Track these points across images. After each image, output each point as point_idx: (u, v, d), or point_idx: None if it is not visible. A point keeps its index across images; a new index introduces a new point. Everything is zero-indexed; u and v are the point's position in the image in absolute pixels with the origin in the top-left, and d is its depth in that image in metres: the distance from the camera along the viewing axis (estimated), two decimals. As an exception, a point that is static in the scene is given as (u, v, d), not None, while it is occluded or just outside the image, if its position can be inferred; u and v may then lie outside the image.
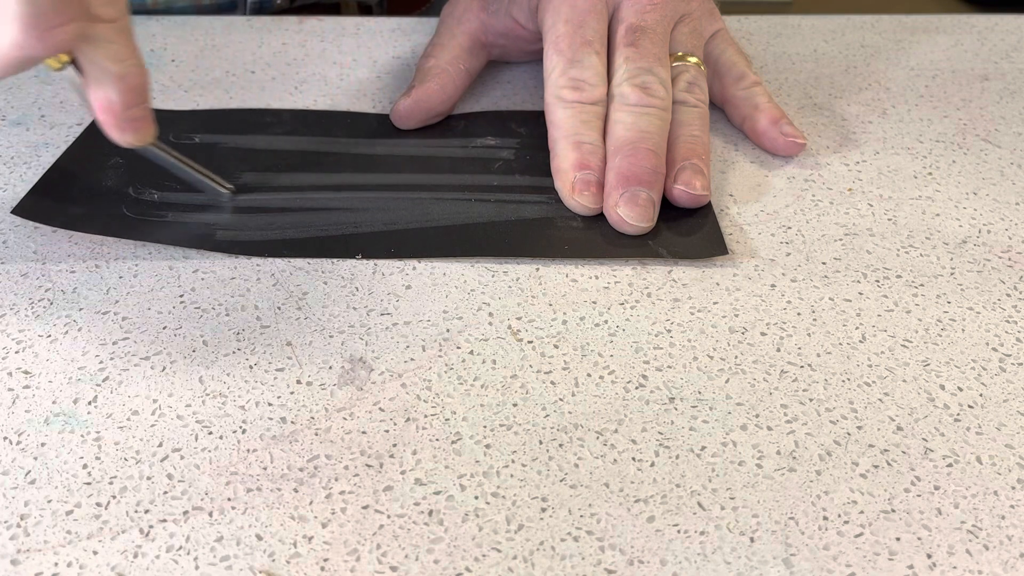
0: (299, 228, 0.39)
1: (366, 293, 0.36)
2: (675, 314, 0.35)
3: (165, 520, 0.28)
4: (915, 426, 0.31)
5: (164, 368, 0.32)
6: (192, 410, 0.31)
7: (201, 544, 0.27)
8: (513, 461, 0.30)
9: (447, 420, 0.31)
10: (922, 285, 0.37)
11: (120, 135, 0.35)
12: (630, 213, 0.38)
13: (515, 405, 0.31)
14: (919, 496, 0.29)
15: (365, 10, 0.68)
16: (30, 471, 0.29)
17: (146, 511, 0.28)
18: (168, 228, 0.38)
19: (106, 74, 0.33)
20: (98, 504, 0.28)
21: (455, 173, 0.42)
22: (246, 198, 0.40)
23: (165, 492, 0.28)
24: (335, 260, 0.37)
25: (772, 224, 0.40)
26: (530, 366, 0.33)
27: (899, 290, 0.37)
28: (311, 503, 0.28)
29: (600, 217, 0.39)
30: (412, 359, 0.33)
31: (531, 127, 0.45)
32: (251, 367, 0.33)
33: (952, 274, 0.38)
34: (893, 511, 0.28)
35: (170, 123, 0.45)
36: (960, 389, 0.32)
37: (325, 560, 0.27)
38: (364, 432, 0.30)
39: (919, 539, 0.28)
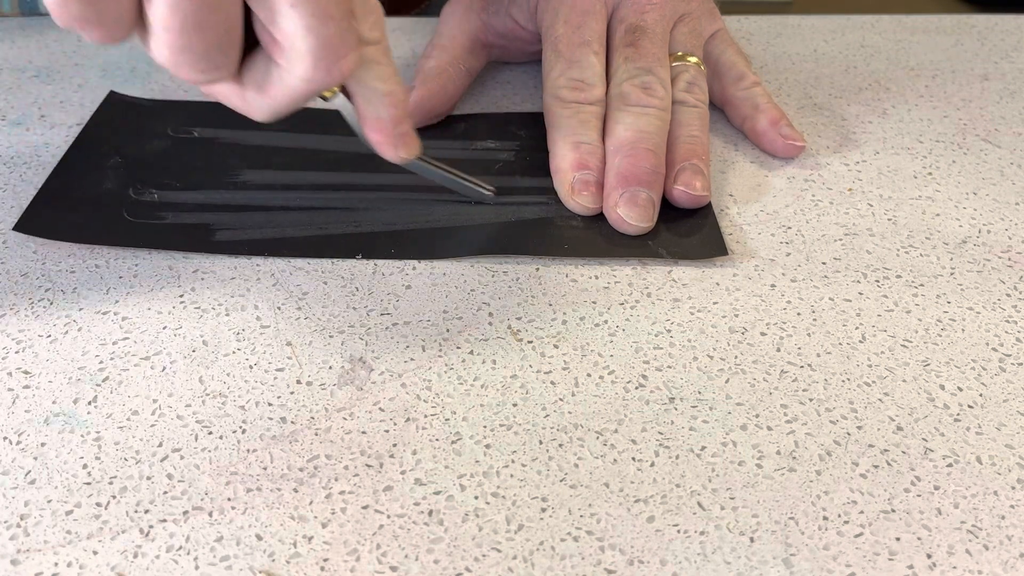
0: (299, 227, 0.39)
1: (366, 293, 0.36)
2: (675, 314, 0.35)
3: (165, 520, 0.28)
4: (915, 426, 0.31)
5: (164, 368, 0.32)
6: (192, 410, 0.31)
7: (201, 544, 0.27)
8: (513, 461, 0.30)
9: (447, 420, 0.31)
10: (922, 285, 0.37)
11: (394, 152, 0.35)
12: (630, 213, 0.38)
13: (515, 405, 0.31)
14: (919, 496, 0.29)
15: None
16: (30, 471, 0.29)
17: (146, 511, 0.28)
18: (168, 232, 0.38)
19: (376, 94, 0.34)
20: (98, 504, 0.28)
21: None
22: (245, 195, 0.40)
23: (165, 492, 0.28)
24: (335, 260, 0.37)
25: (772, 224, 0.40)
26: (530, 366, 0.33)
27: (899, 290, 0.37)
28: (311, 503, 0.28)
29: (600, 217, 0.39)
30: (412, 359, 0.33)
31: (531, 130, 0.45)
32: (251, 367, 0.33)
33: (952, 274, 0.38)
34: (893, 511, 0.28)
35: (169, 115, 0.45)
36: (960, 389, 0.32)
37: (325, 560, 0.27)
38: (364, 432, 0.30)
39: (919, 539, 0.28)
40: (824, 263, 0.38)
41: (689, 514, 0.28)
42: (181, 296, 0.35)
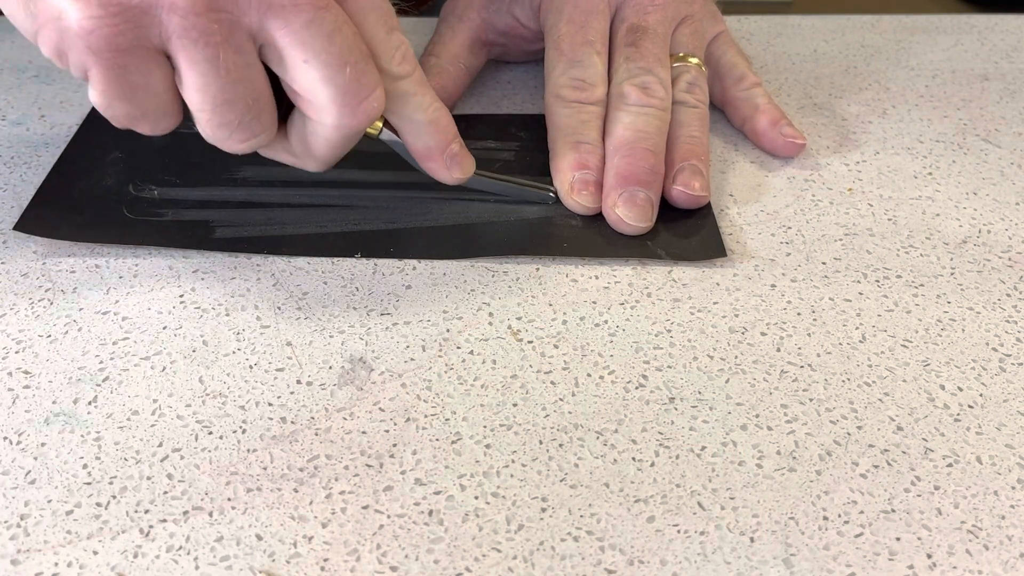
0: (298, 224, 0.39)
1: (366, 293, 0.36)
2: (675, 314, 0.35)
3: (165, 520, 0.28)
4: (915, 426, 0.31)
5: (164, 368, 0.32)
6: (192, 410, 0.31)
7: (201, 544, 0.27)
8: (513, 461, 0.30)
9: (447, 420, 0.31)
10: (922, 285, 0.37)
11: (448, 175, 0.37)
12: (628, 213, 0.38)
13: (515, 405, 0.31)
14: (919, 496, 0.29)
15: None
16: (30, 471, 0.29)
17: (146, 511, 0.28)
18: (168, 229, 0.38)
19: (419, 126, 0.35)
20: (98, 504, 0.28)
21: None
22: (245, 192, 0.40)
23: (165, 492, 0.28)
24: (335, 260, 0.37)
25: (772, 224, 0.40)
26: (530, 366, 0.33)
27: (899, 290, 0.37)
28: (311, 503, 0.28)
29: (599, 217, 0.39)
30: (412, 359, 0.33)
31: (532, 131, 0.45)
32: (251, 367, 0.33)
33: (952, 274, 0.38)
34: (893, 511, 0.28)
35: None
36: (960, 389, 0.32)
37: (325, 560, 0.27)
38: (364, 432, 0.30)
39: (919, 539, 0.28)
40: (824, 263, 0.38)
41: (689, 514, 0.28)
42: (181, 296, 0.35)
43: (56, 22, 0.29)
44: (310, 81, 0.31)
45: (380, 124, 0.35)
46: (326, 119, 0.32)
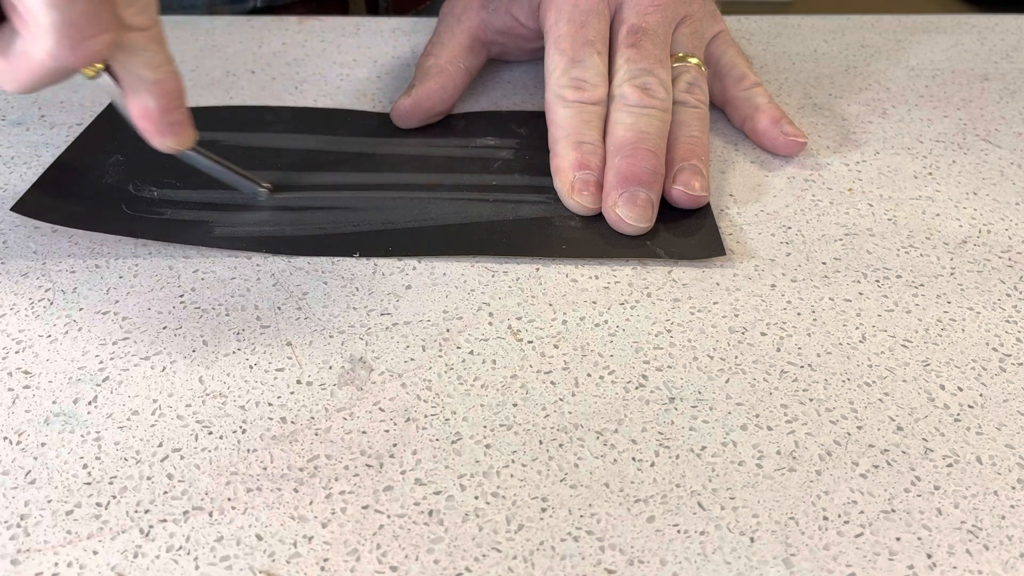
0: (297, 226, 0.39)
1: (366, 293, 0.36)
2: (675, 314, 0.35)
3: (165, 520, 0.28)
4: (915, 426, 0.31)
5: (164, 368, 0.32)
6: (192, 410, 0.31)
7: (201, 544, 0.27)
8: (513, 461, 0.30)
9: (447, 420, 0.31)
10: (922, 285, 0.37)
11: (161, 140, 0.35)
12: (629, 213, 0.38)
13: (515, 405, 0.31)
14: (919, 496, 0.29)
15: (372, 6, 0.68)
16: (30, 471, 0.29)
17: (146, 511, 0.28)
18: (166, 225, 0.38)
19: (142, 82, 0.33)
20: (98, 504, 0.28)
21: (454, 172, 0.42)
22: (244, 196, 0.40)
23: (165, 492, 0.28)
24: (335, 260, 0.37)
25: (772, 224, 0.40)
26: (530, 366, 0.33)
27: (899, 290, 0.37)
28: (311, 503, 0.28)
29: (599, 217, 0.39)
30: (412, 359, 0.33)
31: (531, 128, 0.45)
32: (251, 367, 0.33)
33: (952, 274, 0.38)
34: (893, 511, 0.28)
35: None
36: (960, 389, 0.32)
37: (325, 560, 0.27)
38: (364, 432, 0.30)
39: (919, 539, 0.28)
40: (824, 263, 0.38)
41: (689, 514, 0.28)
42: (181, 296, 0.35)
43: None
44: (35, 0, 0.28)
45: (101, 67, 0.33)
46: (42, 44, 0.29)
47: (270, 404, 0.31)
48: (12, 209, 0.38)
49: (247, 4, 0.62)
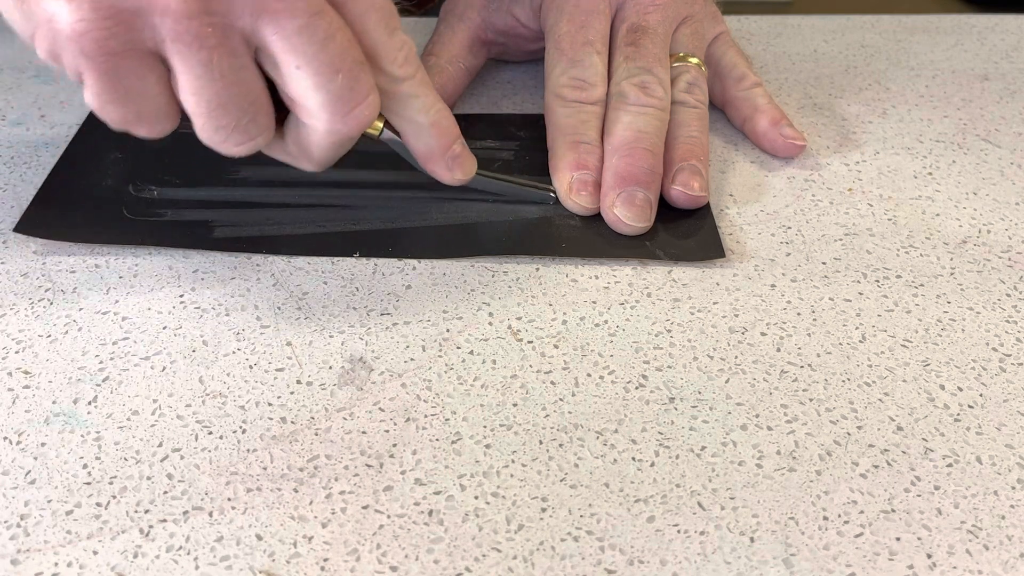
0: (297, 224, 0.39)
1: (366, 293, 0.36)
2: (675, 314, 0.35)
3: (165, 520, 0.28)
4: (915, 426, 0.31)
5: (164, 368, 0.32)
6: (192, 410, 0.31)
7: (201, 544, 0.27)
8: (513, 461, 0.30)
9: (447, 420, 0.31)
10: (922, 285, 0.37)
11: (449, 175, 0.37)
12: (627, 213, 0.38)
13: (515, 405, 0.31)
14: (919, 496, 0.29)
15: None
16: (30, 471, 0.29)
17: (146, 511, 0.28)
18: (167, 229, 0.38)
19: (420, 128, 0.36)
20: (98, 504, 0.28)
21: None
22: (245, 192, 0.40)
23: (165, 492, 0.28)
24: (335, 260, 0.37)
25: (772, 224, 0.40)
26: (530, 366, 0.33)
27: (899, 290, 0.37)
28: (311, 503, 0.28)
29: (598, 217, 0.39)
30: (412, 359, 0.33)
31: (531, 131, 0.45)
32: (251, 367, 0.33)
33: (952, 274, 0.38)
34: (893, 511, 0.28)
35: None
36: (960, 389, 0.32)
37: (325, 560, 0.27)
38: (364, 432, 0.30)
39: (919, 539, 0.28)
40: (824, 263, 0.38)
41: (689, 514, 0.28)
42: (181, 296, 0.35)
43: (49, 24, 0.29)
44: (302, 87, 0.31)
45: (380, 125, 0.35)
46: (318, 124, 0.32)
47: (270, 404, 0.31)
48: (15, 230, 0.37)
49: None
